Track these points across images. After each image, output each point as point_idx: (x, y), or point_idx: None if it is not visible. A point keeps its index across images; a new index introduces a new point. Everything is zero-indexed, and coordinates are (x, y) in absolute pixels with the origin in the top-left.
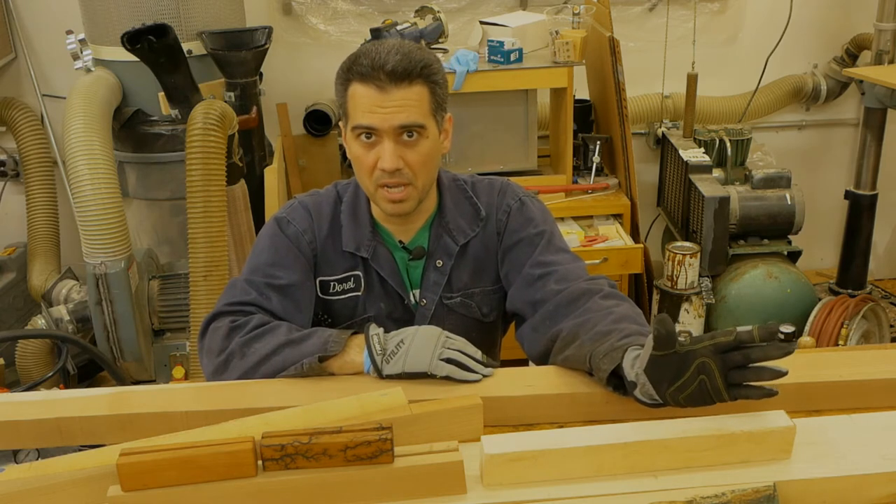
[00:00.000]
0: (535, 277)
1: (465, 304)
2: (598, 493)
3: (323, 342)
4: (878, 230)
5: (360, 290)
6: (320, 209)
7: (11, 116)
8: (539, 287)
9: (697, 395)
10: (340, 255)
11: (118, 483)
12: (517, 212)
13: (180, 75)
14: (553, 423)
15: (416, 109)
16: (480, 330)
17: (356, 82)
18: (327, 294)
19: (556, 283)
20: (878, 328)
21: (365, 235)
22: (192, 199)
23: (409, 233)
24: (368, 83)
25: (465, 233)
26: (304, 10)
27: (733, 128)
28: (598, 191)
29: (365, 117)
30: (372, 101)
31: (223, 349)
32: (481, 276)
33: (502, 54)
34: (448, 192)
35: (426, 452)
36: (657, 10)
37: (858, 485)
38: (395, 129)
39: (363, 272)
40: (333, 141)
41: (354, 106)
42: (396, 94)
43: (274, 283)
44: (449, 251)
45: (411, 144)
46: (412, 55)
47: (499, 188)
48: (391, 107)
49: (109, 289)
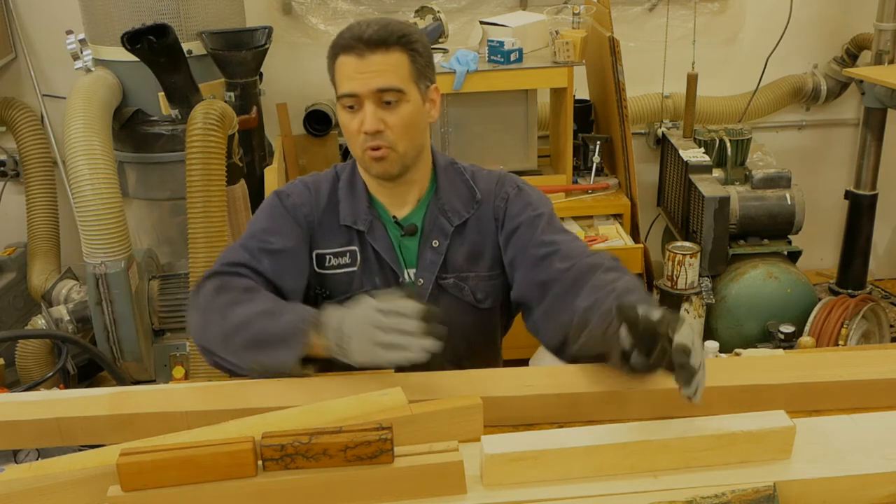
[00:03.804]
0: (540, 257)
1: (458, 285)
2: (598, 493)
3: (300, 319)
4: (878, 230)
5: (356, 266)
6: (319, 185)
7: (11, 116)
8: (545, 267)
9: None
10: (337, 230)
11: (118, 483)
12: (515, 197)
13: (180, 75)
14: (553, 423)
15: (393, 74)
16: (475, 316)
17: (341, 55)
18: (323, 268)
19: (560, 262)
20: (878, 328)
21: (362, 209)
22: (192, 199)
23: (401, 207)
24: (350, 53)
25: (459, 214)
26: (304, 10)
27: (733, 128)
28: (598, 191)
29: (347, 84)
30: (352, 68)
31: (207, 308)
32: (477, 261)
33: (502, 54)
34: (444, 174)
35: (426, 452)
36: (657, 10)
37: (859, 485)
38: (374, 93)
39: (359, 247)
40: (333, 141)
41: (339, 76)
42: (374, 59)
43: (267, 247)
44: (445, 231)
45: (391, 109)
46: (390, 26)
47: (497, 177)
48: (369, 72)
49: (109, 289)
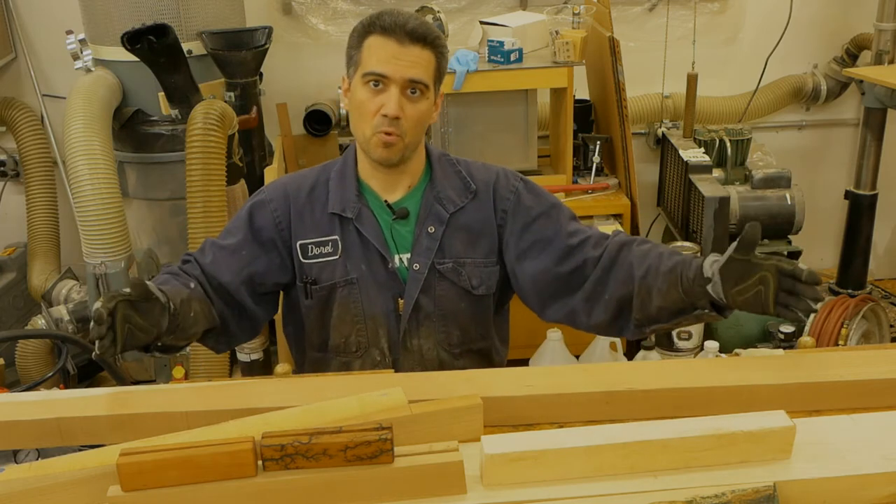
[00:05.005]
0: (573, 247)
1: (455, 270)
2: (598, 493)
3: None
4: (878, 230)
5: (337, 255)
6: (300, 182)
7: (11, 116)
8: (577, 256)
9: (753, 300)
10: (319, 221)
11: (118, 483)
12: (525, 191)
13: (180, 75)
14: (553, 423)
15: (424, 69)
16: (470, 302)
17: (376, 34)
18: (307, 257)
19: (593, 249)
20: (878, 328)
21: (351, 197)
22: (192, 199)
23: (393, 192)
24: (389, 36)
25: (454, 203)
26: (304, 10)
27: (733, 128)
28: (598, 191)
29: (380, 65)
30: (390, 51)
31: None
32: (475, 248)
33: (502, 54)
34: (438, 164)
35: (426, 452)
36: (657, 10)
37: (859, 485)
38: (405, 81)
39: (341, 236)
40: (333, 141)
41: (370, 55)
42: (412, 50)
43: (219, 242)
44: (440, 218)
45: (413, 100)
46: (427, 25)
47: (496, 170)
48: (406, 60)
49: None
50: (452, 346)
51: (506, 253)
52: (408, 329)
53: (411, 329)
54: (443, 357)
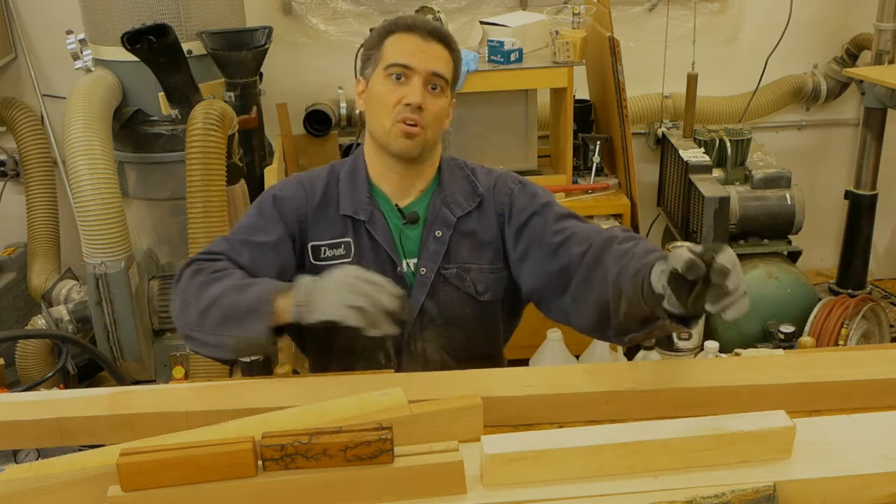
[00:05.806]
0: (558, 245)
1: (460, 276)
2: (598, 493)
3: (266, 290)
4: (878, 230)
5: (350, 257)
6: (314, 181)
7: (11, 116)
8: (563, 254)
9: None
10: (332, 222)
11: (118, 483)
12: (520, 192)
13: (180, 75)
14: (553, 423)
15: (446, 66)
16: (475, 308)
17: (399, 32)
18: (318, 259)
19: (577, 246)
20: (878, 328)
21: (362, 199)
22: (192, 199)
23: (405, 196)
24: (412, 33)
25: (462, 206)
26: (304, 10)
27: (733, 128)
28: (598, 191)
29: (405, 56)
30: (414, 45)
31: (185, 290)
32: (480, 254)
33: (502, 54)
34: (447, 168)
35: (426, 452)
36: (657, 10)
37: (859, 485)
38: (428, 74)
39: (354, 238)
40: (333, 141)
41: (392, 50)
42: (435, 46)
43: (250, 240)
44: (448, 222)
45: (434, 95)
46: (444, 30)
47: (497, 174)
48: (430, 54)
49: (109, 289)
50: (457, 350)
51: (509, 258)
52: (412, 333)
53: (416, 333)
54: (447, 361)
